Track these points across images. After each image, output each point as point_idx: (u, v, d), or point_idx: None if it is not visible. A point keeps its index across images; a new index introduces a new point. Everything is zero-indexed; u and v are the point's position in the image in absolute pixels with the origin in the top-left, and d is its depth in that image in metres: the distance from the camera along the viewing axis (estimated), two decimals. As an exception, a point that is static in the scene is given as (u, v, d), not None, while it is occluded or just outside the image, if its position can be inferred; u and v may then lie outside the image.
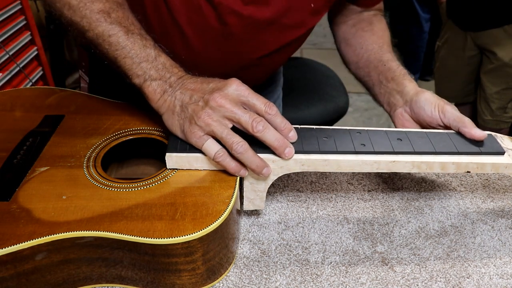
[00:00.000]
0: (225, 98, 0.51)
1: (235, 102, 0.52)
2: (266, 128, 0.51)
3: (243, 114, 0.51)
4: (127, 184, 0.52)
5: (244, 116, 0.51)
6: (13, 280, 0.46)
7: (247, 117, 0.51)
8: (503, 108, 1.62)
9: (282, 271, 0.54)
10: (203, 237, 0.47)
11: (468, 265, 0.56)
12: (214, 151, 0.52)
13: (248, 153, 0.51)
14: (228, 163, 0.52)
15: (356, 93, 2.83)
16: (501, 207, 0.66)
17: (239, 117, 0.51)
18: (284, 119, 0.53)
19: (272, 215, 0.63)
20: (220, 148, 0.52)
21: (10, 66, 1.42)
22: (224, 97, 0.51)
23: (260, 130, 0.51)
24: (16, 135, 0.59)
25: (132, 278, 0.50)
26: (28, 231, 0.46)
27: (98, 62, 0.82)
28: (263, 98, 0.53)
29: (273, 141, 0.51)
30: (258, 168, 0.52)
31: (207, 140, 0.52)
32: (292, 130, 0.53)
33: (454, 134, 0.59)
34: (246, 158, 0.51)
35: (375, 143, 0.55)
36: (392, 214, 0.64)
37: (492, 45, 1.53)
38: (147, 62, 0.56)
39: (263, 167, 0.52)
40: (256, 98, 0.52)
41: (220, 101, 0.51)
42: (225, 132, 0.51)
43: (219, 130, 0.51)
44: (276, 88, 0.97)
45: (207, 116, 0.51)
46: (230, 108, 0.51)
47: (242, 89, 0.52)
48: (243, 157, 0.51)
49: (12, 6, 1.42)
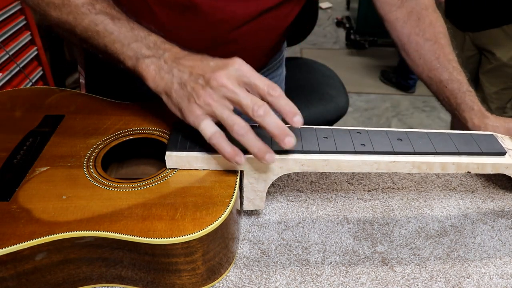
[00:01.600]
0: (227, 77, 0.49)
1: (237, 82, 0.49)
2: (267, 113, 0.48)
3: (245, 96, 0.49)
4: (127, 184, 0.52)
5: (245, 99, 0.49)
6: (13, 280, 0.46)
7: (248, 100, 0.48)
8: (502, 108, 1.62)
9: (282, 271, 0.54)
10: (203, 237, 0.47)
11: (468, 265, 0.56)
12: (211, 132, 0.50)
13: (250, 135, 0.49)
14: (224, 147, 0.50)
15: (356, 93, 2.83)
16: (501, 207, 0.66)
17: (240, 98, 0.49)
18: (289, 101, 0.49)
19: (272, 215, 0.63)
20: (218, 130, 0.50)
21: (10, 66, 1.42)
22: (226, 76, 0.49)
23: (261, 115, 0.48)
24: (16, 135, 0.59)
25: (132, 278, 0.50)
26: (28, 231, 0.46)
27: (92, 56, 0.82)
28: (266, 79, 0.50)
29: (274, 127, 0.48)
30: (260, 152, 0.49)
31: (205, 119, 0.50)
32: (298, 114, 0.49)
33: (454, 134, 0.59)
34: (247, 141, 0.49)
35: (375, 143, 0.55)
36: (392, 214, 0.64)
37: (490, 45, 1.54)
38: (137, 42, 0.55)
39: (265, 152, 0.49)
40: (259, 79, 0.49)
41: (221, 81, 0.49)
42: (226, 113, 0.49)
43: (219, 110, 0.49)
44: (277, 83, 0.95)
45: (208, 95, 0.49)
46: (232, 89, 0.49)
47: (245, 69, 0.50)
48: (244, 139, 0.49)
49: (12, 6, 1.43)
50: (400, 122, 2.64)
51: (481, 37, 1.55)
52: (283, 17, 0.73)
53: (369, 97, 2.85)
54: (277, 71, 0.89)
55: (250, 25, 0.69)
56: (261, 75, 0.50)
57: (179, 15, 0.67)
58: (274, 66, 0.87)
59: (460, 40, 1.62)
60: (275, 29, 0.74)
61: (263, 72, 0.85)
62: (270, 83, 0.50)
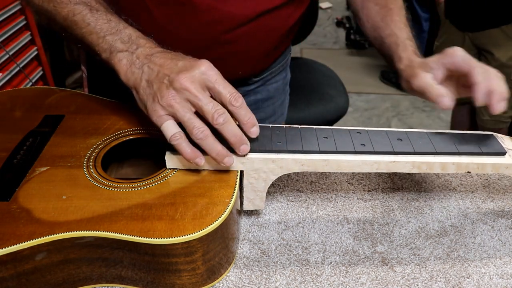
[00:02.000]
0: (191, 81, 0.49)
1: (201, 87, 0.50)
2: (226, 122, 0.49)
3: (207, 102, 0.49)
4: (127, 184, 0.52)
5: (207, 105, 0.49)
6: (13, 280, 0.46)
7: (210, 106, 0.49)
8: None
9: (282, 271, 0.54)
10: (203, 237, 0.47)
11: (468, 265, 0.56)
12: (171, 133, 0.50)
13: (208, 140, 0.50)
14: (184, 148, 0.50)
15: (356, 93, 2.83)
16: (501, 207, 0.66)
17: (202, 104, 0.49)
18: (249, 112, 0.51)
19: (272, 215, 0.63)
20: (179, 131, 0.50)
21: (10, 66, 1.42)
22: (190, 79, 0.49)
23: (220, 123, 0.49)
24: (16, 135, 0.59)
25: (132, 278, 0.50)
26: (28, 231, 0.46)
27: None
28: (231, 87, 0.51)
29: (231, 136, 0.50)
30: (218, 156, 0.50)
31: (167, 120, 0.51)
32: (255, 125, 0.52)
33: (455, 134, 0.59)
34: (206, 145, 0.50)
35: (375, 143, 0.55)
36: (392, 214, 0.64)
37: (489, 46, 1.54)
38: (112, 34, 0.55)
39: (224, 156, 0.51)
40: (223, 86, 0.50)
41: (185, 84, 0.49)
42: (187, 116, 0.50)
43: (181, 113, 0.50)
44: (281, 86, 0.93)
45: (170, 97, 0.50)
46: (195, 93, 0.49)
47: (210, 74, 0.50)
48: (203, 143, 0.50)
49: (12, 6, 1.42)
50: (400, 122, 2.64)
51: (480, 37, 1.55)
52: (284, 19, 0.73)
53: (369, 97, 2.85)
54: (281, 74, 0.89)
55: (248, 26, 0.69)
56: (228, 82, 0.51)
57: (175, 14, 0.67)
58: (277, 70, 0.87)
59: (460, 40, 1.62)
60: (275, 31, 0.74)
61: (266, 76, 0.84)
62: (234, 92, 0.51)
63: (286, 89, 0.94)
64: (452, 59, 0.57)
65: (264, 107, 0.88)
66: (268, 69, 0.84)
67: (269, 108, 0.88)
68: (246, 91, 0.83)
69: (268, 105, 0.88)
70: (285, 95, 0.94)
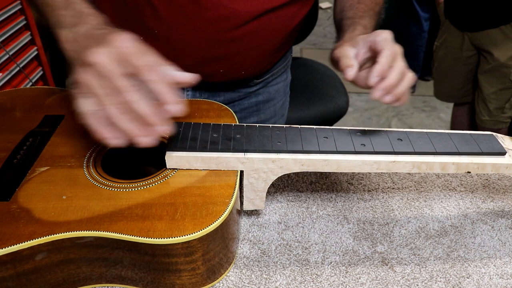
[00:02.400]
0: (104, 55, 0.45)
1: (115, 61, 0.45)
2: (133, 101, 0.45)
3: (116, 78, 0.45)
4: (127, 184, 0.52)
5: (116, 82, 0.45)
6: (13, 280, 0.46)
7: (118, 83, 0.44)
8: (500, 109, 1.62)
9: (282, 271, 0.54)
10: (203, 237, 0.47)
11: (468, 265, 0.56)
12: (84, 110, 0.47)
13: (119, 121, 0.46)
14: (94, 126, 0.47)
15: (356, 93, 2.83)
16: (501, 207, 0.66)
17: (112, 81, 0.45)
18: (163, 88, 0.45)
19: (272, 215, 0.63)
20: (91, 110, 0.46)
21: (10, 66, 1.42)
22: (100, 54, 0.45)
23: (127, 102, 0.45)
24: (16, 135, 0.59)
25: (132, 278, 0.50)
26: (28, 231, 0.46)
27: None
28: (150, 57, 0.46)
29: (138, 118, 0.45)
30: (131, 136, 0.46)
31: (81, 98, 0.46)
32: (172, 103, 0.46)
33: (454, 134, 0.59)
34: (121, 125, 0.46)
35: (375, 143, 0.55)
36: (392, 214, 0.64)
37: (489, 46, 1.54)
38: (63, 9, 0.54)
39: (138, 135, 0.46)
40: (139, 58, 0.45)
41: (97, 59, 0.45)
42: (99, 93, 0.45)
43: (93, 90, 0.45)
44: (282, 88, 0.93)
45: (82, 73, 0.46)
46: (106, 69, 0.45)
47: (126, 46, 0.45)
48: (116, 122, 0.46)
49: (12, 6, 1.42)
50: (400, 122, 2.64)
51: (480, 37, 1.55)
52: (289, 18, 0.73)
53: (369, 97, 2.85)
54: (282, 76, 0.89)
55: (254, 24, 0.69)
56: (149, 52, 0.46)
57: (181, 10, 0.66)
58: (279, 71, 0.87)
59: (459, 40, 1.62)
60: (279, 30, 0.73)
61: (268, 77, 0.84)
62: (150, 65, 0.46)
63: (287, 90, 0.94)
64: (374, 37, 0.56)
65: (265, 109, 0.88)
66: (270, 70, 0.84)
67: (269, 110, 0.88)
68: (247, 93, 0.83)
69: (268, 106, 0.88)
70: (285, 97, 0.94)
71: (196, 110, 0.65)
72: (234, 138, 0.55)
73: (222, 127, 0.57)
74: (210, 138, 0.55)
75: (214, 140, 0.55)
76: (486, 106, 1.63)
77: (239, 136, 0.55)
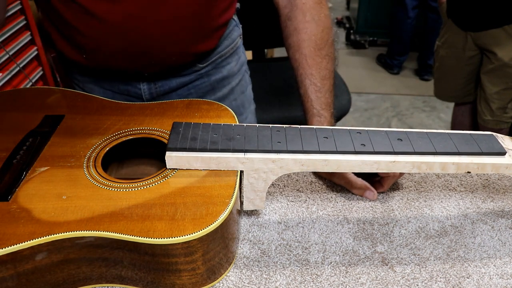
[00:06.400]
0: None
1: None
2: None
3: None
4: (127, 184, 0.52)
5: None
6: (13, 280, 0.46)
7: None
8: (503, 108, 1.62)
9: (282, 271, 0.54)
10: (203, 237, 0.47)
11: (468, 265, 0.56)
12: None
13: None
14: None
15: (356, 93, 2.83)
16: (501, 207, 0.66)
17: None
18: None
19: (272, 215, 0.63)
20: None
21: (10, 66, 1.42)
22: None
23: None
24: (16, 135, 0.59)
25: (132, 278, 0.50)
26: (28, 231, 0.46)
27: None
28: None
29: None
30: None
31: None
32: None
33: (454, 134, 0.58)
34: None
35: (375, 143, 0.55)
36: (392, 214, 0.64)
37: (492, 45, 1.53)
38: None
39: None
40: None
41: None
42: None
43: None
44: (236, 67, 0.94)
45: None
46: None
47: None
48: None
49: (12, 6, 1.42)
50: (400, 122, 2.64)
51: (483, 37, 1.55)
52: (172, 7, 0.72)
53: (369, 97, 2.85)
54: (233, 56, 0.91)
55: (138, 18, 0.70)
56: None
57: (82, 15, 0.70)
58: (227, 53, 0.89)
59: (462, 40, 1.62)
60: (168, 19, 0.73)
61: (216, 59, 0.86)
62: None
63: (243, 69, 0.96)
64: None
65: (220, 87, 0.90)
66: (214, 54, 0.85)
67: (225, 88, 0.91)
68: (198, 74, 0.86)
69: (224, 85, 0.90)
70: (241, 75, 0.96)
71: (196, 110, 0.65)
72: (234, 138, 0.55)
73: (222, 127, 0.57)
74: (210, 138, 0.55)
75: (214, 140, 0.55)
76: (489, 106, 1.63)
77: (239, 136, 0.56)
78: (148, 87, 0.83)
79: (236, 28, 0.91)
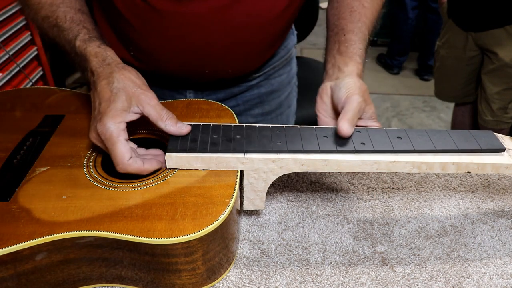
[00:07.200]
0: (97, 132, 0.53)
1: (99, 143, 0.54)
2: None
3: None
4: (127, 184, 0.52)
5: None
6: (13, 280, 0.46)
7: None
8: (503, 109, 1.62)
9: (282, 271, 0.54)
10: (203, 237, 0.47)
11: (468, 265, 0.56)
12: None
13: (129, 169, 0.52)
14: None
15: (356, 93, 2.83)
16: (501, 207, 0.66)
17: None
18: None
19: (272, 215, 0.63)
20: None
21: (10, 66, 1.42)
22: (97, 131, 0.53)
23: None
24: (16, 135, 0.59)
25: (132, 278, 0.50)
26: (28, 231, 0.46)
27: None
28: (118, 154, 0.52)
29: None
30: None
31: None
32: None
33: (454, 132, 0.58)
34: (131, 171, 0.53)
35: (375, 142, 0.55)
36: (392, 214, 0.64)
37: (493, 46, 1.53)
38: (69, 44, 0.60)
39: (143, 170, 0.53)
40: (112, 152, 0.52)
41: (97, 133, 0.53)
42: None
43: None
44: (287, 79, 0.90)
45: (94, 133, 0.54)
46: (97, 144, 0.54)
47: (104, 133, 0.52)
48: None
49: (12, 6, 1.43)
50: (400, 122, 2.64)
51: (484, 37, 1.55)
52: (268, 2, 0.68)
53: (369, 97, 2.85)
54: (285, 68, 0.88)
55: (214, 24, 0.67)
56: None
57: (146, 20, 0.67)
58: (281, 64, 0.86)
59: (463, 40, 1.62)
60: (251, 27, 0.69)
61: (268, 70, 0.83)
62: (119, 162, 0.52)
63: (293, 82, 0.93)
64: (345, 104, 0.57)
65: (269, 100, 0.88)
66: (269, 64, 0.83)
67: (274, 101, 0.88)
68: (248, 86, 0.83)
69: (273, 98, 0.87)
70: (291, 88, 0.93)
71: (196, 110, 0.65)
72: (234, 139, 0.55)
73: (222, 128, 0.57)
74: (210, 139, 0.55)
75: (214, 141, 0.55)
76: (489, 106, 1.63)
77: (239, 136, 0.55)
78: (194, 95, 0.80)
79: (292, 36, 0.86)
